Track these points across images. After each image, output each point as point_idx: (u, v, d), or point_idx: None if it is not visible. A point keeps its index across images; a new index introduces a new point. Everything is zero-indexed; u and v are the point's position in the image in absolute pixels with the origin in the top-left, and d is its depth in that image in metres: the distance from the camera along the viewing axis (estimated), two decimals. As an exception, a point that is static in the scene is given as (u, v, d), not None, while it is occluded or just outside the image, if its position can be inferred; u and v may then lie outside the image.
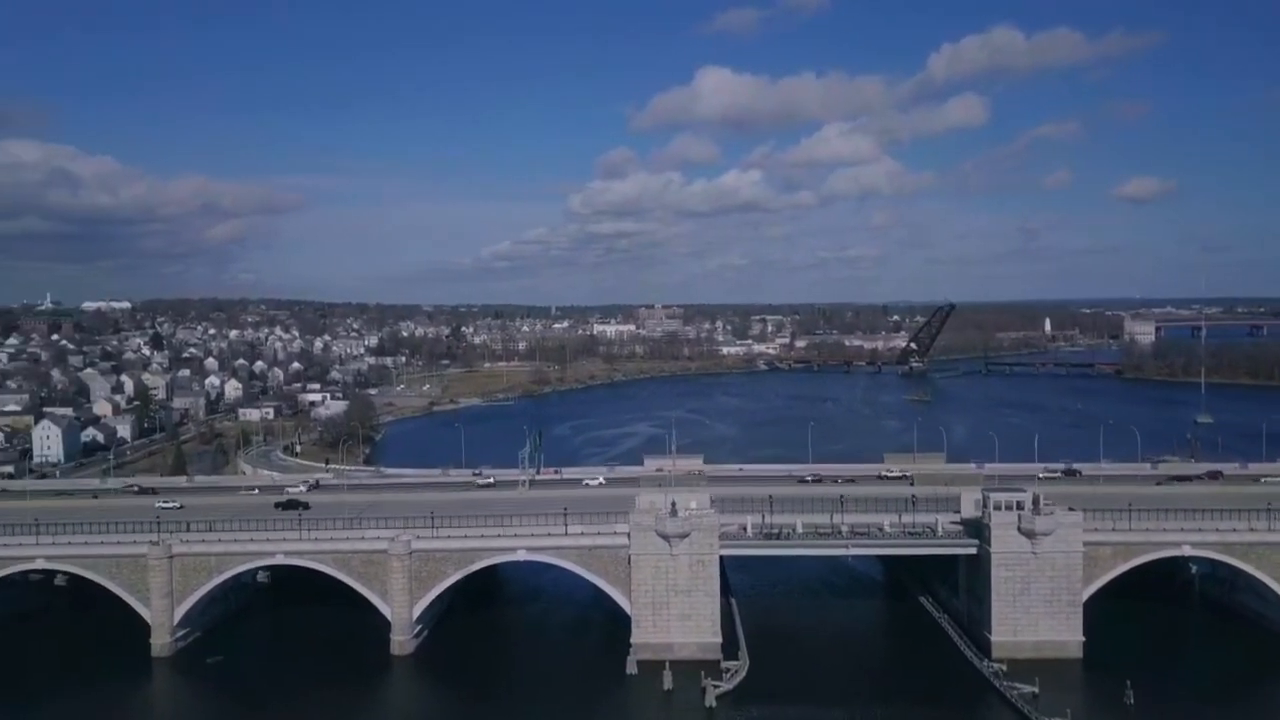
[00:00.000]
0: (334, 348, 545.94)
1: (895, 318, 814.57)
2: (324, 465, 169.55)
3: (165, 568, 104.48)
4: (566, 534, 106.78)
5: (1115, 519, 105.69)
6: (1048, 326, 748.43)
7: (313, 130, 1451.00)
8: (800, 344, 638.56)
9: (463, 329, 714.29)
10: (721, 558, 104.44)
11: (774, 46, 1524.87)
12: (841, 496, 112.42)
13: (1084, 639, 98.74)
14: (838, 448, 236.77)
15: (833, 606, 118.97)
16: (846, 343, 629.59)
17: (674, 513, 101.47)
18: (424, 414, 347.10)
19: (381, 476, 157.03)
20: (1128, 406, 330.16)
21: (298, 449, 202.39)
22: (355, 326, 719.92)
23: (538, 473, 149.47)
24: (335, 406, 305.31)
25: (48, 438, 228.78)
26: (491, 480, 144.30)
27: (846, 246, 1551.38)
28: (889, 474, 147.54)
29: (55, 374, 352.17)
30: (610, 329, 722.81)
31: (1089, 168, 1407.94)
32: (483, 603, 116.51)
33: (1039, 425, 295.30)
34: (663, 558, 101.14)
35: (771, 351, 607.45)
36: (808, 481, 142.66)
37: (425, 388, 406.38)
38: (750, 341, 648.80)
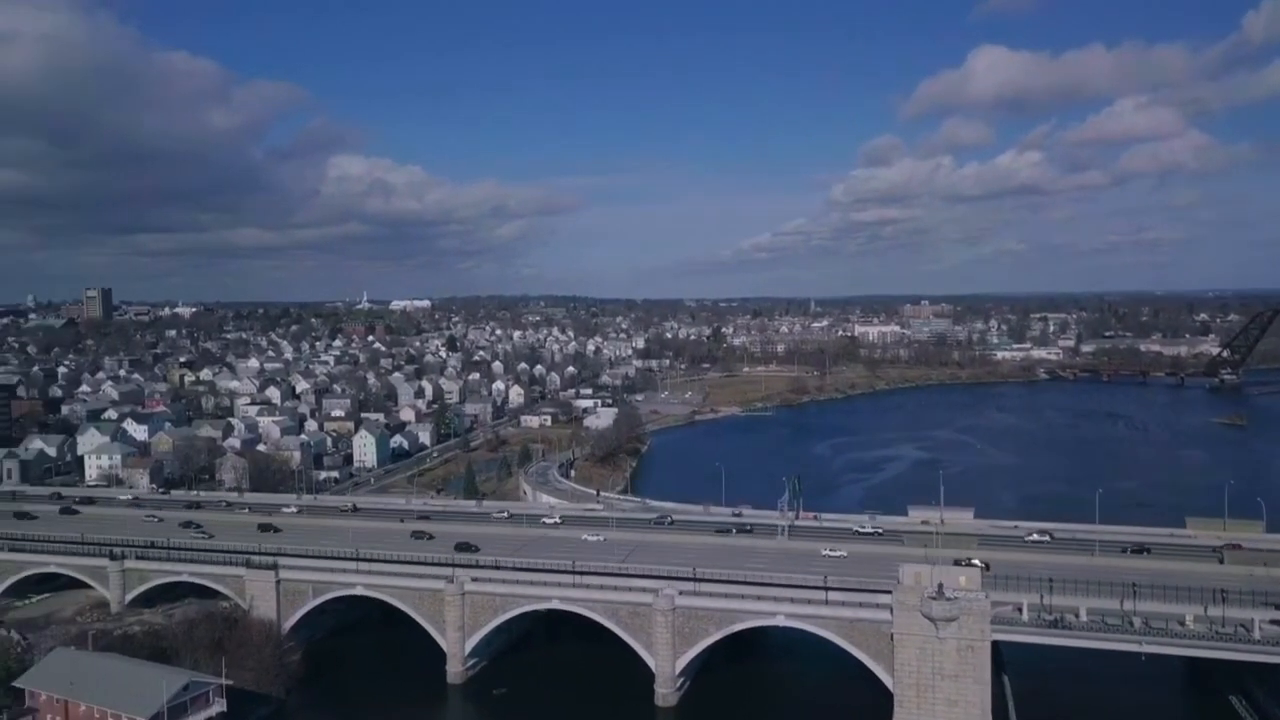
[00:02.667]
0: (604, 350, 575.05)
1: (1202, 317, 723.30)
2: (595, 494, 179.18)
3: (458, 604, 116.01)
4: (827, 603, 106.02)
5: None
6: None
7: (588, 134, 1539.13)
8: (1087, 349, 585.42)
9: (723, 330, 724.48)
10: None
11: (1056, 20, 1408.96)
12: (1135, 585, 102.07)
13: None
14: (1129, 485, 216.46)
15: (1123, 696, 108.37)
16: (1142, 348, 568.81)
17: (941, 594, 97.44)
18: (686, 423, 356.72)
19: (647, 509, 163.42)
20: None
21: (571, 472, 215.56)
22: (623, 326, 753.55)
23: (797, 517, 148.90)
24: (605, 415, 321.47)
25: (365, 445, 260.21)
26: (750, 527, 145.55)
27: (1142, 229, 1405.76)
28: (1192, 543, 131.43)
29: (370, 378, 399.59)
30: (872, 330, 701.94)
31: None
32: (742, 657, 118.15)
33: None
34: (929, 639, 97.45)
35: (1053, 357, 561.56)
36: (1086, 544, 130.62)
37: (687, 395, 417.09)
38: (1028, 345, 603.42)
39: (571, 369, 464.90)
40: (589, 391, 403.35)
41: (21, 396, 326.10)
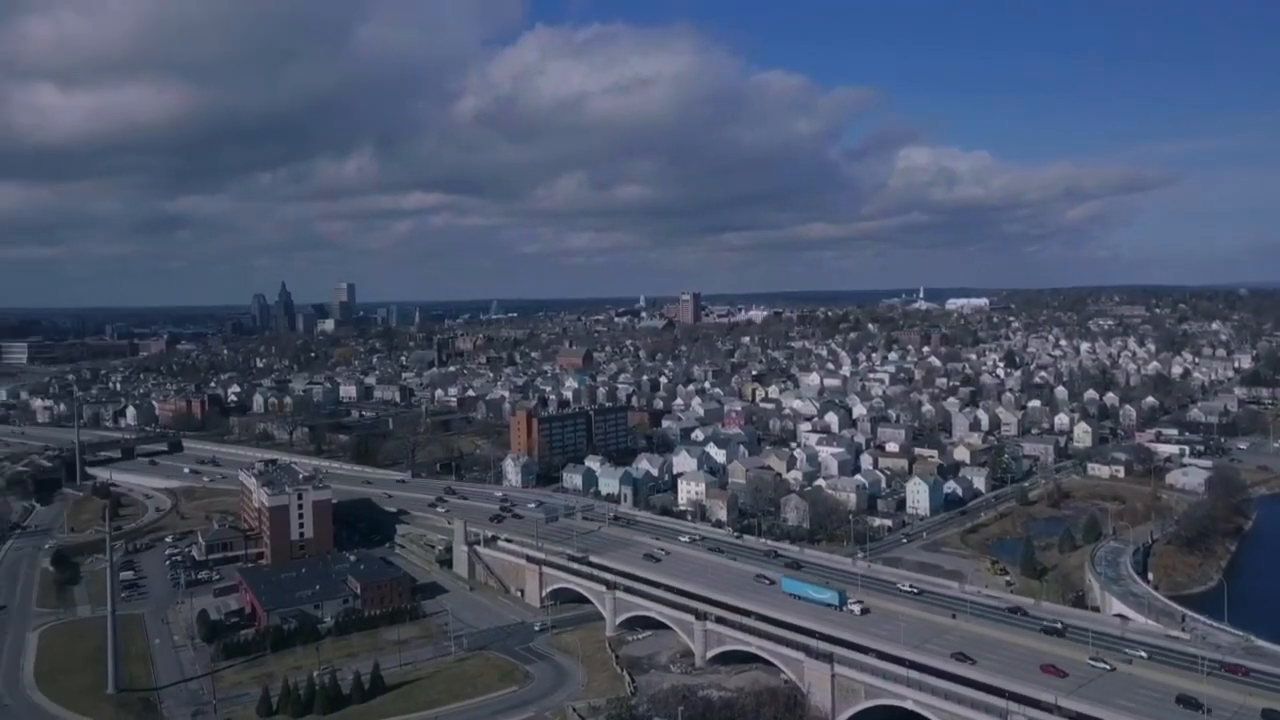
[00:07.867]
0: (1195, 373, 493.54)
1: None
2: (1179, 618, 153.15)
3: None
4: None
5: None
6: None
7: (1180, 94, 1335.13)
8: None
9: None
10: None
11: None
12: None
13: None
14: None
15: None
16: None
17: None
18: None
19: (1250, 650, 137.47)
20: None
21: (1149, 575, 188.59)
22: (1222, 338, 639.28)
23: None
24: (1194, 472, 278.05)
25: (918, 491, 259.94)
26: None
27: None
28: None
29: (924, 402, 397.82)
30: None
31: None
32: None
33: None
34: None
35: None
36: None
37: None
38: None
39: (1151, 400, 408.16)
40: (1173, 433, 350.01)
41: (633, 407, 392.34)
